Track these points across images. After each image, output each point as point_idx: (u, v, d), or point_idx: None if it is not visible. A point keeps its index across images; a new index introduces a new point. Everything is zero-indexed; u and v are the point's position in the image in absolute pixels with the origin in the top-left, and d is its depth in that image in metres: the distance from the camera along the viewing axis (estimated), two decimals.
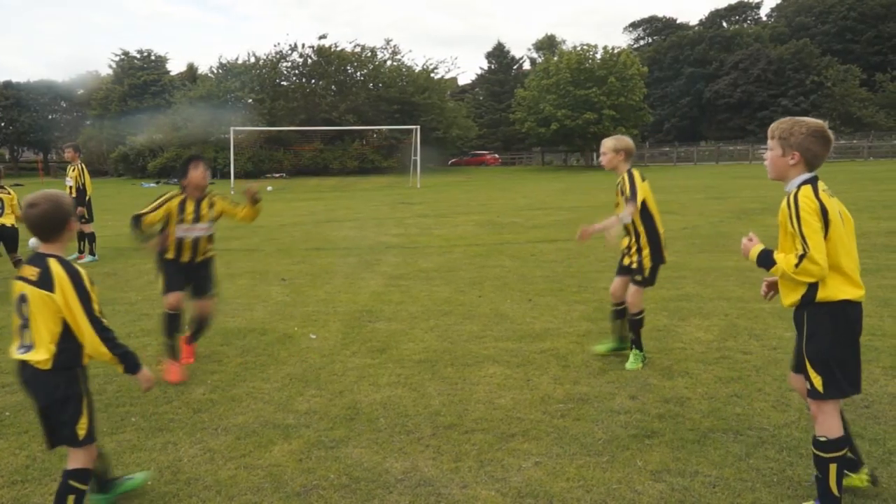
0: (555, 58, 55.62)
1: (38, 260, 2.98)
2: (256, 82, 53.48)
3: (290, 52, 54.77)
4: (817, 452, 2.98)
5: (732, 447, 3.79)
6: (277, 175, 47.96)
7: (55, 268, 2.93)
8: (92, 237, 11.59)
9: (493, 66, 76.80)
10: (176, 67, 70.04)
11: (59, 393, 2.97)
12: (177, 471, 3.70)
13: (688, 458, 3.68)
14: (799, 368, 3.12)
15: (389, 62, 56.31)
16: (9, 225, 9.18)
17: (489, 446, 3.90)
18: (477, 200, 23.76)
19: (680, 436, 3.93)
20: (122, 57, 66.19)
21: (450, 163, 63.39)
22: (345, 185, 37.67)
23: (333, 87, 55.21)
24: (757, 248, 3.17)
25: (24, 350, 2.98)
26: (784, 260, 2.99)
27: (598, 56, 52.78)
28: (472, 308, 7.28)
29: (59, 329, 2.94)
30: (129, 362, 3.15)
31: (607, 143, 5.23)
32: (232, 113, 51.82)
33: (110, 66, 67.52)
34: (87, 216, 11.56)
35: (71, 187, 11.65)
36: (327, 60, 54.25)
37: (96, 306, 3.01)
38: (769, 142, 3.14)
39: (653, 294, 6.62)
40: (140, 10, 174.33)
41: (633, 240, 5.18)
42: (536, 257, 10.57)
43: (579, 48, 53.92)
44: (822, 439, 2.97)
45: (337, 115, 50.94)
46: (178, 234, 5.34)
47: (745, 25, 75.72)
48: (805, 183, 3.01)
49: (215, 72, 56.13)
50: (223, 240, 13.82)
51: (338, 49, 54.77)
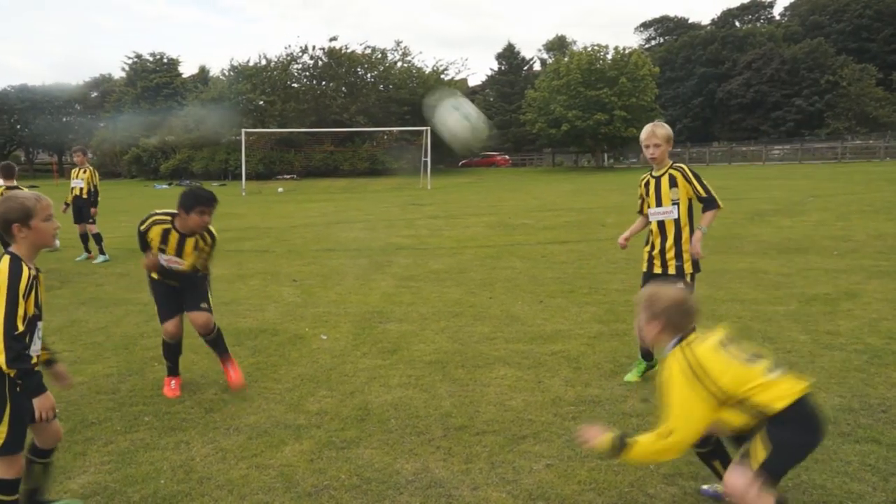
0: (565, 58, 55.50)
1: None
2: (267, 84, 53.71)
3: (300, 54, 55.04)
4: None
5: None
6: (288, 176, 48.13)
7: (2, 265, 2.79)
8: (98, 237, 11.66)
9: (503, 67, 76.72)
10: (188, 70, 70.38)
11: None
12: (189, 470, 3.72)
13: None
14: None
15: (400, 63, 56.41)
16: None
17: (500, 448, 3.89)
18: (487, 202, 23.75)
19: None
20: (135, 60, 66.69)
21: (460, 164, 63.37)
22: (355, 186, 37.75)
23: (344, 88, 55.35)
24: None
25: None
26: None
27: (609, 56, 52.61)
28: (483, 309, 7.27)
29: None
30: (28, 382, 2.81)
31: (660, 132, 4.62)
32: (243, 115, 52.12)
33: (123, 69, 68.10)
34: (92, 217, 11.68)
35: (81, 189, 11.76)
36: (338, 62, 54.42)
37: (20, 312, 2.76)
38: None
39: None
40: (148, 13, 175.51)
41: (672, 242, 4.77)
42: (547, 259, 10.55)
43: (590, 49, 53.77)
44: None
45: (347, 117, 51.08)
46: (159, 262, 5.00)
47: (758, 25, 75.29)
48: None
49: (227, 74, 56.45)
50: (235, 241, 13.90)
51: (348, 51, 54.95)
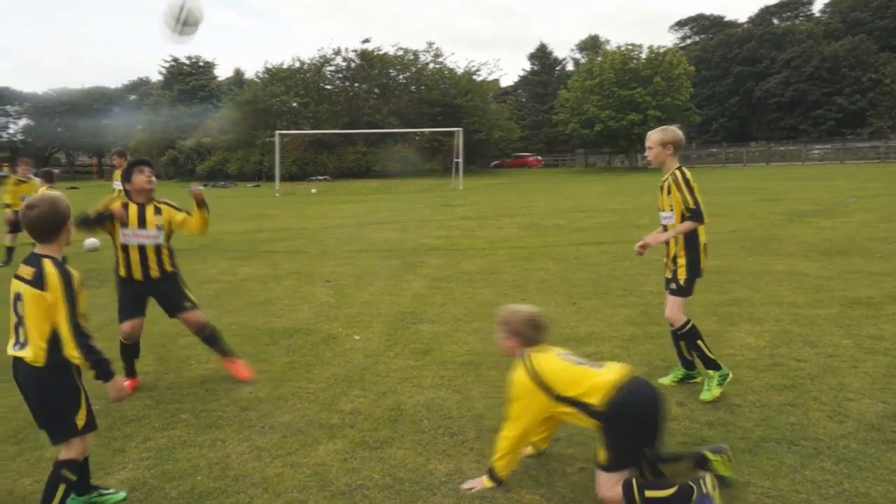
0: (598, 58, 55.12)
1: (34, 260, 3.06)
2: (301, 86, 54.24)
3: (333, 56, 55.49)
4: None
5: (786, 457, 3.68)
6: (321, 177, 48.53)
7: (48, 268, 3.00)
8: None
9: (535, 68, 76.48)
10: (223, 73, 71.47)
11: (55, 389, 3.06)
12: (225, 467, 3.76)
13: (739, 467, 3.58)
14: None
15: (432, 65, 56.55)
16: None
17: None
18: (520, 203, 23.66)
19: (730, 444, 3.82)
20: (172, 63, 67.84)
21: (492, 165, 63.32)
22: (387, 187, 37.90)
23: (376, 90, 55.67)
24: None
25: (19, 347, 3.06)
26: None
27: (644, 56, 52.12)
28: None
29: (50, 327, 3.00)
30: (102, 369, 3.17)
31: (653, 136, 4.71)
32: (277, 117, 52.70)
33: (160, 73, 69.37)
34: None
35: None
36: (370, 64, 54.75)
37: (80, 310, 3.09)
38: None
39: (700, 298, 6.48)
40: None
41: (673, 246, 4.72)
42: (580, 260, 10.47)
43: (623, 48, 53.32)
44: None
45: (380, 118, 51.36)
46: (122, 241, 4.99)
47: (797, 22, 73.84)
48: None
49: (261, 76, 57.12)
50: (268, 241, 14.04)
51: (380, 52, 55.24)
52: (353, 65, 55.39)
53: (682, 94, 51.26)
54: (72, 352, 3.01)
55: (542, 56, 76.26)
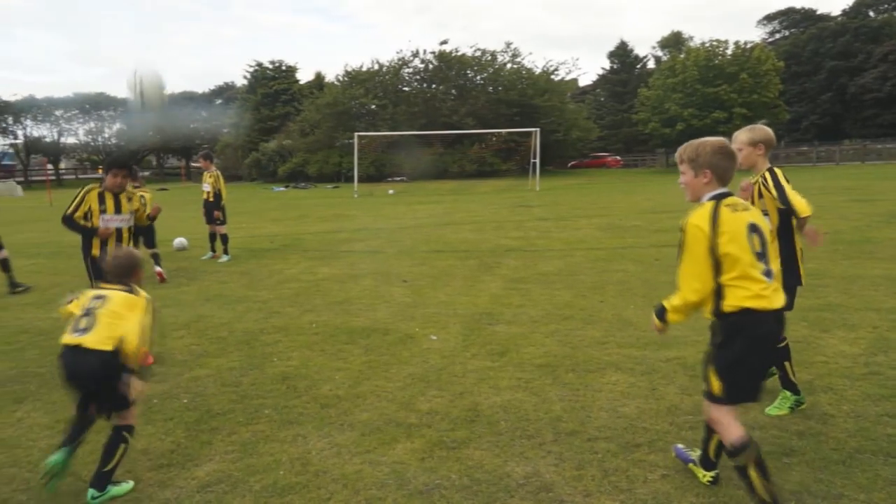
0: (681, 55, 53.70)
1: (125, 286, 3.78)
2: (380, 88, 54.97)
3: (411, 58, 56.02)
4: (733, 461, 3.02)
5: (882, 470, 3.49)
6: (398, 178, 49.08)
7: (141, 291, 3.81)
8: (225, 238, 12.30)
9: (615, 66, 75.14)
10: (304, 76, 73.10)
11: (118, 370, 3.53)
12: (306, 462, 3.84)
13: (831, 479, 3.43)
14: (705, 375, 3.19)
15: (509, 65, 56.31)
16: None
17: (613, 455, 3.79)
18: (598, 203, 23.31)
19: (822, 455, 3.67)
20: (256, 68, 69.89)
21: (569, 165, 62.58)
22: (464, 188, 38.00)
23: (454, 91, 55.86)
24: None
25: (80, 333, 3.51)
26: (669, 304, 3.19)
27: (729, 52, 50.47)
28: (594, 313, 7.13)
29: (123, 328, 3.55)
30: (145, 372, 3.83)
31: (741, 136, 4.47)
32: (356, 119, 53.60)
33: (245, 77, 71.44)
34: (221, 218, 12.31)
35: (209, 192, 12.44)
36: (448, 65, 55.00)
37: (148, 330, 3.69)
38: (680, 166, 3.30)
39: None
40: (268, 23, 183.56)
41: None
42: (661, 262, 10.21)
43: (708, 44, 51.78)
44: (731, 447, 3.01)
45: (457, 119, 51.48)
46: (101, 224, 5.97)
47: (895, 14, 69.95)
48: (712, 199, 3.11)
49: (341, 79, 58.20)
50: (347, 241, 14.31)
51: (458, 54, 55.42)
52: (430, 66, 55.79)
53: (770, 91, 49.41)
54: (135, 355, 3.55)
55: (621, 54, 74.89)
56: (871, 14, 71.15)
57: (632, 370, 5.23)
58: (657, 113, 52.08)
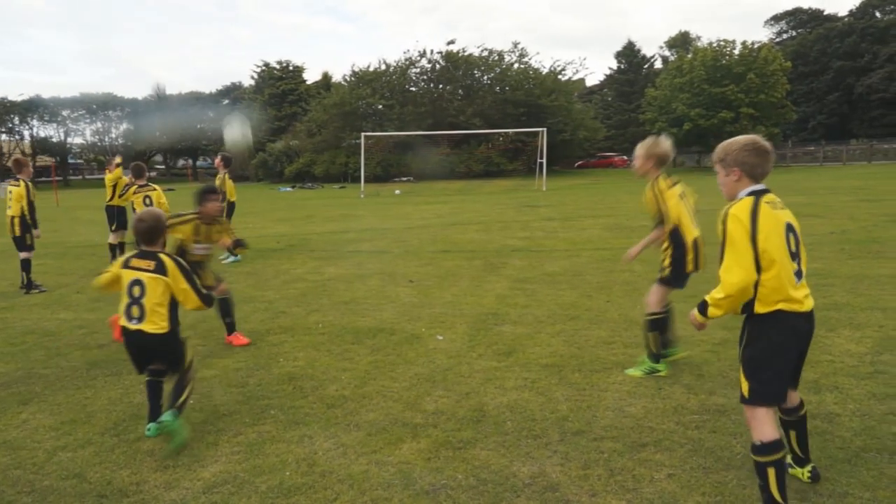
0: (689, 55, 53.54)
1: (150, 255, 4.28)
2: (386, 88, 55.01)
3: (419, 58, 56.02)
4: (755, 457, 3.03)
5: (888, 469, 3.48)
6: (405, 179, 49.11)
7: (166, 259, 4.27)
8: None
9: (622, 66, 75.01)
10: (311, 76, 73.29)
11: (175, 345, 4.35)
12: (312, 463, 3.85)
13: (837, 478, 3.42)
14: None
15: (516, 65, 56.24)
16: None
17: (619, 455, 3.79)
18: (604, 203, 23.26)
19: (828, 454, 3.66)
20: (263, 68, 70.03)
21: (576, 165, 62.46)
22: (470, 188, 38.00)
23: (460, 91, 55.84)
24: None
25: (137, 321, 4.19)
26: (710, 297, 3.13)
27: (737, 52, 50.30)
28: (600, 313, 7.12)
29: (169, 302, 4.25)
30: (209, 298, 4.45)
31: (638, 148, 5.14)
32: (363, 119, 53.67)
33: (252, 77, 71.64)
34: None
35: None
36: (455, 65, 54.97)
37: (196, 278, 4.38)
38: (714, 167, 3.34)
39: None
40: (278, 23, 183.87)
41: (664, 242, 5.16)
42: None
43: (715, 44, 51.62)
44: (758, 443, 3.01)
45: (464, 119, 51.45)
46: (194, 251, 6.09)
47: None
48: (750, 195, 3.11)
49: (348, 79, 58.26)
50: (353, 242, 14.32)
51: (465, 54, 55.41)
52: (437, 66, 55.78)
53: (777, 91, 49.20)
54: (200, 306, 4.34)
55: (629, 54, 74.74)
56: (877, 15, 70.74)
57: None
58: (664, 113, 51.93)
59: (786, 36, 77.41)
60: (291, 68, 70.08)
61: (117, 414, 4.71)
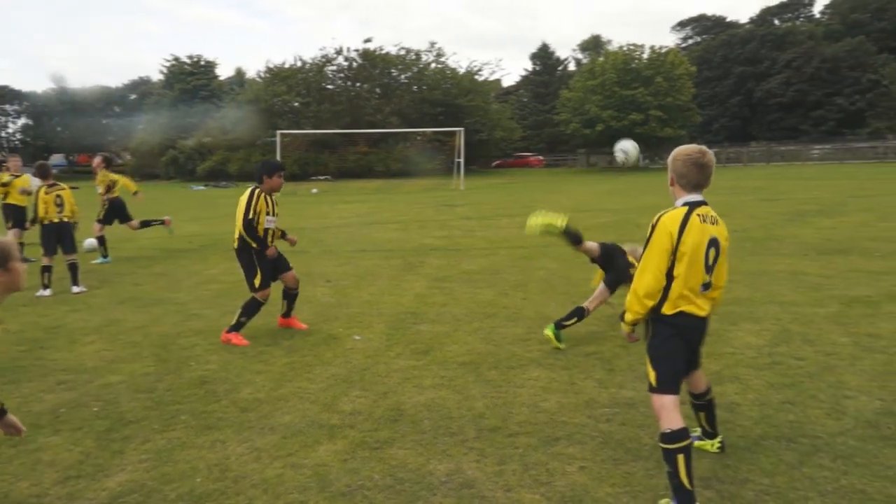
0: (600, 58, 55.12)
1: None
2: (302, 86, 54.20)
3: (335, 55, 55.45)
4: (663, 445, 3.16)
5: (785, 455, 3.69)
6: (322, 178, 48.51)
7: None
8: (101, 240, 11.87)
9: (537, 68, 76.39)
10: (224, 72, 71.27)
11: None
12: (225, 469, 3.76)
13: (738, 465, 3.60)
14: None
15: (434, 65, 56.53)
16: (65, 220, 9.19)
17: (533, 450, 3.87)
18: (521, 202, 23.65)
19: (730, 442, 3.84)
20: (173, 62, 67.74)
21: (493, 165, 63.25)
22: (389, 187, 37.90)
23: (378, 90, 55.65)
24: None
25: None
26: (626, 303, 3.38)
27: (645, 56, 52.09)
28: (517, 311, 7.24)
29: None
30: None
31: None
32: (279, 116, 52.69)
33: (161, 72, 69.16)
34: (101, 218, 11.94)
35: (105, 198, 11.93)
36: (372, 64, 54.73)
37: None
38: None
39: None
40: (187, 16, 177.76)
41: None
42: (582, 260, 10.40)
43: (625, 48, 53.31)
44: (667, 431, 3.14)
45: (381, 118, 51.30)
46: (266, 226, 6.62)
47: (798, 23, 73.71)
48: (685, 205, 3.29)
49: (262, 76, 57.09)
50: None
51: (382, 52, 55.23)
52: (354, 64, 55.36)
53: (683, 94, 51.24)
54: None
55: (544, 56, 76.18)
56: (776, 22, 74.78)
57: (552, 366, 5.34)
58: (578, 114, 53.23)
59: (691, 41, 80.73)
60: (203, 63, 68.07)
61: None
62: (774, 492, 3.31)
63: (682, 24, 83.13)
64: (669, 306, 3.24)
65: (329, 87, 55.97)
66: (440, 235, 14.40)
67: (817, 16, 76.29)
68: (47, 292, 8.72)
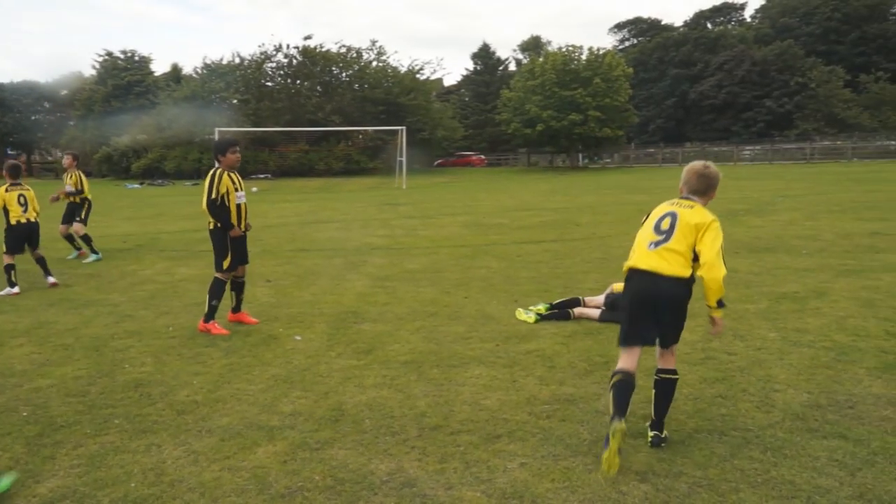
0: (540, 59, 55.72)
1: None
2: (241, 83, 53.28)
3: (274, 52, 54.66)
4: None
5: (717, 448, 3.80)
6: (263, 176, 47.73)
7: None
8: (87, 238, 11.59)
9: (478, 68, 76.84)
10: (160, 68, 69.49)
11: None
12: (160, 473, 3.67)
13: (672, 458, 3.69)
14: None
15: (375, 63, 56.26)
16: (32, 220, 9.08)
17: (475, 447, 3.89)
18: (463, 201, 23.77)
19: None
20: (106, 57, 65.66)
21: (435, 164, 63.34)
22: (330, 186, 37.58)
23: (319, 87, 55.09)
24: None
25: None
26: None
27: (584, 57, 52.93)
28: (458, 309, 7.28)
29: None
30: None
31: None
32: (216, 114, 51.58)
33: (94, 67, 67.02)
34: (82, 217, 11.65)
35: (71, 193, 11.68)
36: (312, 61, 54.13)
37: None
38: None
39: None
40: (120, 11, 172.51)
41: None
42: (522, 258, 10.58)
43: (564, 49, 54.05)
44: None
45: (322, 116, 50.79)
46: (237, 202, 6.55)
47: (730, 27, 76.15)
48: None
49: (199, 72, 55.87)
50: (207, 241, 13.69)
51: (323, 50, 54.68)
52: (294, 62, 54.66)
53: (620, 95, 52.23)
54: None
55: (485, 56, 76.69)
56: (709, 26, 77.05)
57: (493, 363, 5.38)
58: (518, 114, 53.72)
59: (628, 43, 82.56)
60: (137, 59, 66.18)
61: None
62: (707, 484, 3.41)
63: (619, 27, 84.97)
64: (627, 264, 4.00)
65: (269, 84, 55.16)
66: (382, 234, 14.36)
67: (748, 20, 79.04)
68: (15, 289, 8.65)
